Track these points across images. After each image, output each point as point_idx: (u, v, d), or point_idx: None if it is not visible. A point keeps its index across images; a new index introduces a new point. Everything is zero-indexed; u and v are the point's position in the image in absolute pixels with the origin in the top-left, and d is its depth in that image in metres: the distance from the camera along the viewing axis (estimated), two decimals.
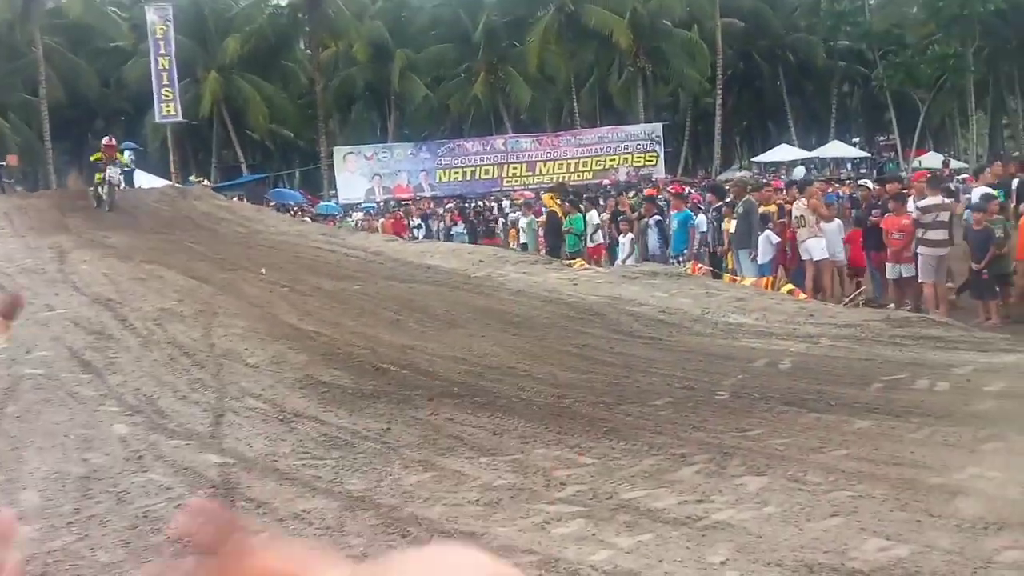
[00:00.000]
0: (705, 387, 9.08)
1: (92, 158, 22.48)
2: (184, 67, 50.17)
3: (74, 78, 52.04)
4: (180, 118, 34.98)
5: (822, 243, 14.12)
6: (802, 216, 14.24)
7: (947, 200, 13.45)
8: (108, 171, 21.31)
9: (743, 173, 51.86)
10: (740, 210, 14.99)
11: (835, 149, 53.95)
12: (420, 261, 15.64)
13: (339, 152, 51.41)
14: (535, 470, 6.90)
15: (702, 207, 17.60)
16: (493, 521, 5.94)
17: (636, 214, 18.16)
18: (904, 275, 13.81)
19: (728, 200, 15.97)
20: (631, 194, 27.47)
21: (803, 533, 5.43)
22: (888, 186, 15.16)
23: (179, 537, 1.24)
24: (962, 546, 5.10)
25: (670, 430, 7.68)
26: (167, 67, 32.93)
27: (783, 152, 53.62)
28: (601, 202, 21.81)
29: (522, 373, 9.82)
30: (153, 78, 33.36)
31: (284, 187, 58.13)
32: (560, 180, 49.24)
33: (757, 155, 57.33)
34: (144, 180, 36.69)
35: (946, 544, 5.13)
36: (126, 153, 32.19)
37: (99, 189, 21.32)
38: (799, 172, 45.77)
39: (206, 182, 42.05)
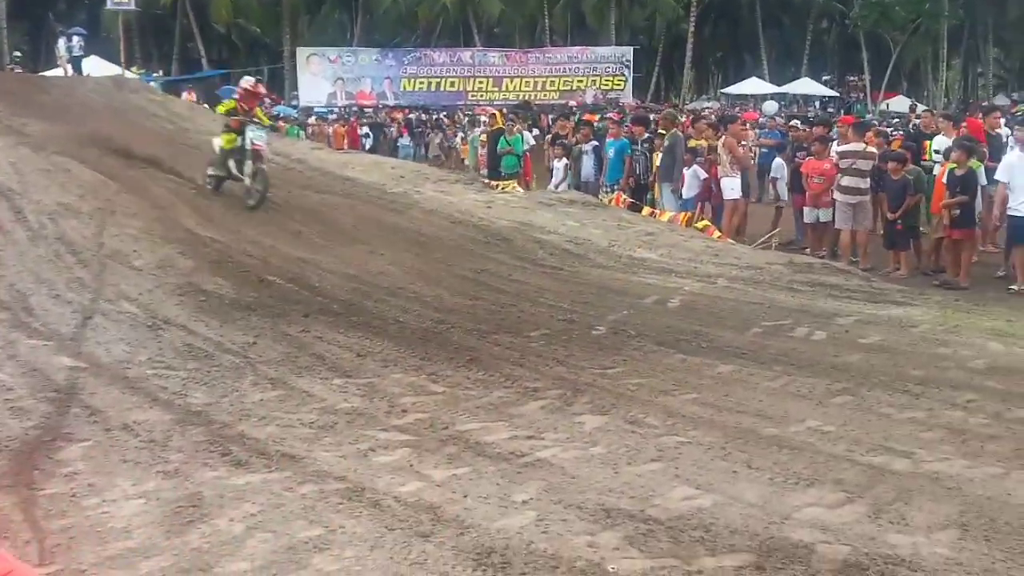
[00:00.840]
0: (586, 321, 9.04)
1: (220, 110, 14.01)
2: None
3: None
4: (133, 6, 33.89)
5: (735, 183, 13.95)
6: (718, 155, 14.10)
7: (869, 148, 13.30)
8: (249, 135, 12.60)
9: (712, 104, 51.56)
10: (667, 143, 14.82)
11: (805, 86, 53.57)
12: (340, 172, 15.40)
13: (302, 53, 50.46)
14: (383, 395, 6.84)
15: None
16: (319, 445, 5.88)
17: (573, 139, 17.89)
18: (822, 220, 13.74)
19: (656, 132, 15.79)
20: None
21: (617, 476, 5.40)
22: (814, 128, 15.02)
23: None
24: (766, 500, 5.08)
25: (532, 363, 7.63)
26: None
27: (753, 85, 53.20)
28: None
29: (410, 295, 9.72)
30: None
31: None
32: (526, 98, 48.77)
33: (729, 86, 56.90)
34: (94, 68, 35.91)
35: (751, 497, 5.11)
36: (74, 39, 31.39)
37: (228, 164, 12.94)
38: (769, 107, 45.39)
39: (156, 74, 41.31)
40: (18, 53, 45.15)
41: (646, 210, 14.46)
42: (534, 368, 7.49)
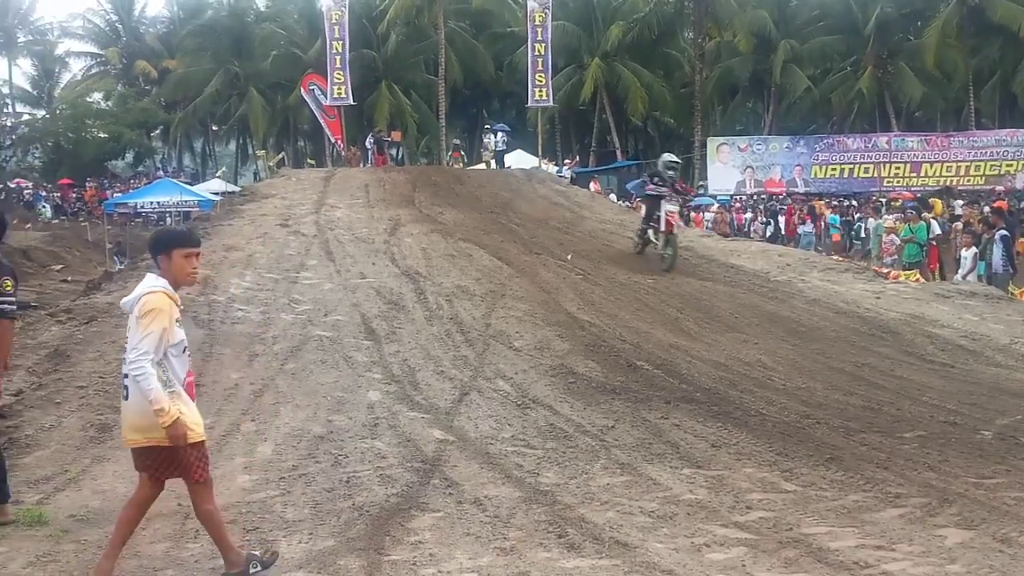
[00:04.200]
0: (970, 424, 8.26)
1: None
2: (570, 54, 51.99)
3: (471, 61, 55.35)
4: (550, 103, 36.21)
5: None
6: None
7: None
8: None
9: None
10: None
11: None
12: (725, 260, 15.28)
13: (712, 142, 50.91)
14: (730, 489, 6.63)
15: None
16: (654, 535, 5.79)
17: (983, 227, 16.62)
18: None
19: None
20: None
21: None
22: None
23: None
24: None
25: (899, 466, 7.06)
26: (542, 54, 33.90)
27: None
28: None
29: (778, 387, 9.41)
30: (529, 64, 34.50)
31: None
32: (947, 183, 46.05)
33: None
34: (517, 160, 38.64)
35: None
36: (499, 134, 34.04)
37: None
38: None
39: (566, 163, 43.55)
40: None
41: None
42: (900, 472, 6.94)
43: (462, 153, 38.23)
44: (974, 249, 16.28)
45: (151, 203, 41.31)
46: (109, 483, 6.88)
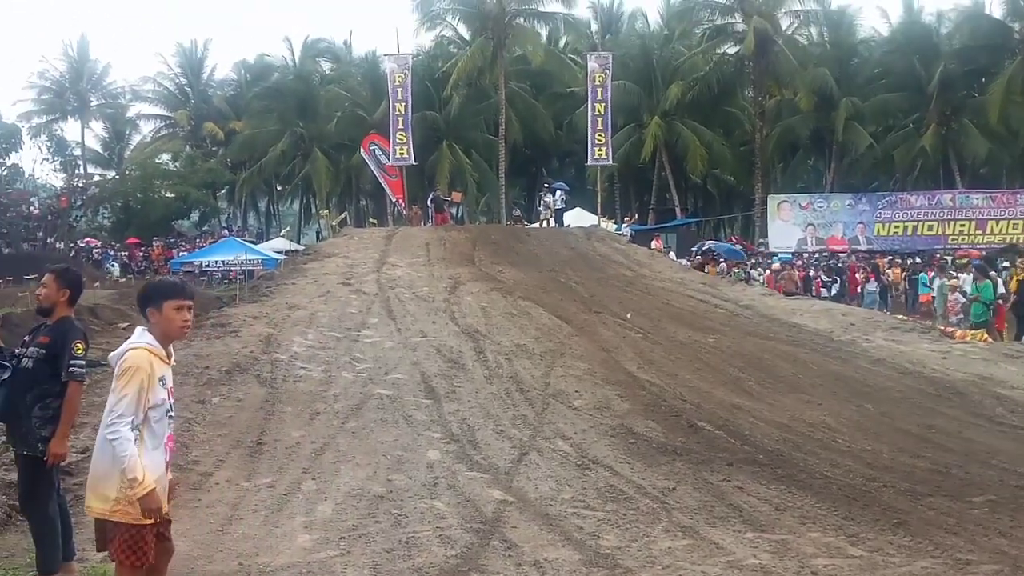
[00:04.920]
0: None
1: None
2: (629, 113, 52.27)
3: (531, 121, 55.85)
4: (610, 162, 36.51)
5: None
6: None
7: None
8: None
9: None
10: None
11: None
12: (787, 319, 15.15)
13: (773, 200, 50.61)
14: (795, 554, 6.50)
15: None
16: None
17: None
18: None
19: None
20: None
21: None
22: None
23: None
24: None
25: (969, 532, 6.89)
26: (602, 113, 34.40)
27: None
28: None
29: (843, 449, 9.25)
30: (588, 123, 35.03)
31: (724, 232, 58.44)
32: (1012, 241, 45.30)
33: None
34: (576, 219, 38.84)
35: None
36: (558, 193, 34.26)
37: None
38: None
39: (626, 220, 43.61)
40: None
41: None
42: (970, 538, 6.76)
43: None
44: None
45: (216, 262, 42.14)
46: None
